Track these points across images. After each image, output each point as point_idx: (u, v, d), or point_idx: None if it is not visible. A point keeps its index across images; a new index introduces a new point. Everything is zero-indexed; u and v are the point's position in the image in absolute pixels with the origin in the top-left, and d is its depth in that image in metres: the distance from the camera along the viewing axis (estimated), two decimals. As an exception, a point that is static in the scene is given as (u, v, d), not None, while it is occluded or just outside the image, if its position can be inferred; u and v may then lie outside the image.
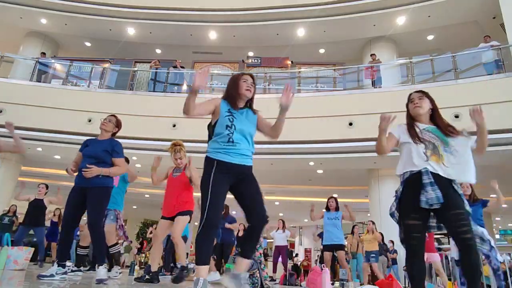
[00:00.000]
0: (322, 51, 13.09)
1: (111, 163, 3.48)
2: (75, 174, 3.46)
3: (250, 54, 12.86)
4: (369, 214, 11.06)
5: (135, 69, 11.39)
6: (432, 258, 6.36)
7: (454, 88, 8.63)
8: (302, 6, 11.30)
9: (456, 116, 8.14)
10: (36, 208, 6.46)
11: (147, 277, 4.05)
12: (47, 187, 6.85)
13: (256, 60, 12.01)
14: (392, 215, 2.36)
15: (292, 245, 23.66)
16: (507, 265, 7.71)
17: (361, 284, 6.70)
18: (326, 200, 6.55)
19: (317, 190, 13.18)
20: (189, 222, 4.29)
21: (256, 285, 3.94)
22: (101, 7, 11.76)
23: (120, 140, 3.66)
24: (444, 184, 2.23)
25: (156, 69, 10.95)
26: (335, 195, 6.70)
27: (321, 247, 7.38)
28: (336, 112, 9.00)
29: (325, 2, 11.14)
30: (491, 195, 5.69)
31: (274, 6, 11.47)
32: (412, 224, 2.21)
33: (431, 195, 2.15)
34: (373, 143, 2.63)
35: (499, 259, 4.67)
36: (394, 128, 2.49)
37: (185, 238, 6.93)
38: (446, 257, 8.26)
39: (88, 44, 13.63)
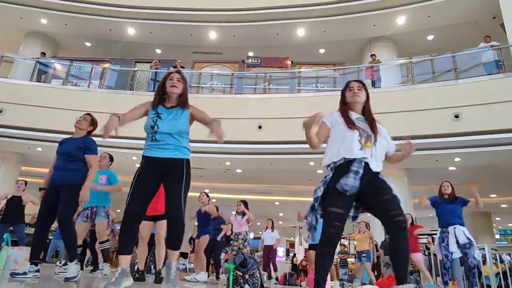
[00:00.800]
0: (322, 51, 13.09)
1: (84, 160, 3.49)
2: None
3: (250, 54, 12.86)
4: (369, 214, 11.05)
5: (135, 69, 11.39)
6: (416, 257, 6.45)
7: (454, 88, 8.63)
8: (302, 6, 11.30)
9: (456, 116, 8.15)
10: (15, 205, 6.30)
11: (136, 276, 4.10)
12: (26, 183, 6.68)
13: (256, 60, 12.01)
14: (316, 199, 2.31)
15: (292, 245, 23.67)
16: (507, 265, 7.70)
17: (362, 284, 6.70)
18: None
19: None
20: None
21: (256, 285, 3.93)
22: (101, 7, 11.76)
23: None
24: (372, 173, 2.26)
25: (156, 69, 10.95)
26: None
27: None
28: (336, 112, 8.99)
29: (325, 2, 11.13)
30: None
31: (274, 6, 11.47)
32: (336, 212, 2.19)
33: (350, 182, 2.17)
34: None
35: (477, 257, 4.74)
36: (326, 116, 2.48)
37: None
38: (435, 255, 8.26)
39: (88, 44, 13.63)
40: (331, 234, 2.18)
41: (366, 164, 2.26)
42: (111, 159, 4.87)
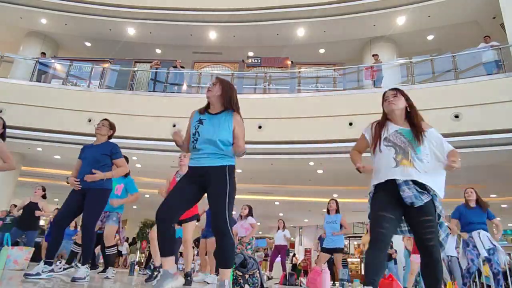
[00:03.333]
0: (322, 51, 13.09)
1: (111, 165, 3.61)
2: (77, 184, 3.47)
3: (250, 54, 12.86)
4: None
5: (135, 69, 11.39)
6: (416, 259, 6.46)
7: (454, 88, 8.63)
8: (302, 6, 11.30)
9: (456, 116, 8.15)
10: (31, 211, 6.25)
11: (155, 274, 4.12)
12: (44, 189, 6.66)
13: (256, 60, 12.01)
14: (369, 217, 2.29)
15: (292, 245, 23.67)
16: (507, 265, 7.71)
17: (364, 284, 6.69)
18: (325, 200, 6.56)
19: (317, 190, 13.18)
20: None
21: (256, 285, 3.94)
22: (101, 7, 11.76)
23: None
24: (419, 186, 2.18)
25: (156, 69, 10.95)
26: (335, 195, 6.74)
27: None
28: (336, 112, 9.00)
29: (325, 2, 11.14)
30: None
31: (274, 6, 11.48)
32: (384, 215, 2.15)
33: (408, 194, 2.12)
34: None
35: (501, 263, 4.70)
36: (366, 129, 2.44)
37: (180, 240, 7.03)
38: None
39: (88, 44, 13.63)
40: (381, 235, 2.11)
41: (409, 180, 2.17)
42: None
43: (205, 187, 2.43)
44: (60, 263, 4.73)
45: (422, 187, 2.18)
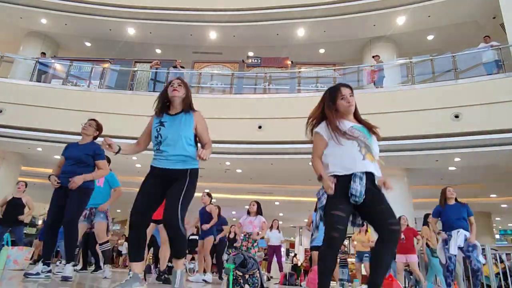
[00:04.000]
0: (322, 51, 13.09)
1: (94, 165, 3.65)
2: (57, 184, 3.51)
3: (250, 54, 12.86)
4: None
5: (135, 69, 11.39)
6: (411, 259, 6.51)
7: (454, 88, 8.63)
8: (302, 6, 11.30)
9: (456, 116, 8.14)
10: (15, 206, 6.25)
11: (163, 277, 4.16)
12: (26, 185, 6.65)
13: (256, 60, 12.01)
14: (321, 208, 2.32)
15: (292, 245, 23.67)
16: (507, 265, 7.70)
17: (366, 283, 6.70)
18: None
19: (317, 190, 13.17)
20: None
21: (256, 285, 3.93)
22: (101, 7, 11.76)
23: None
24: (372, 181, 2.26)
25: (156, 69, 10.95)
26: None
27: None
28: (336, 112, 8.98)
29: (325, 2, 11.13)
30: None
31: (274, 6, 11.47)
32: (338, 215, 2.19)
33: (357, 187, 2.16)
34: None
35: (481, 260, 4.80)
36: (320, 128, 2.40)
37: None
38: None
39: (88, 44, 13.63)
40: (334, 239, 2.18)
41: (368, 172, 2.24)
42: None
43: (168, 187, 2.51)
44: (60, 263, 4.73)
45: (372, 182, 2.26)
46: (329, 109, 2.38)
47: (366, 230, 7.98)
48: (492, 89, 8.16)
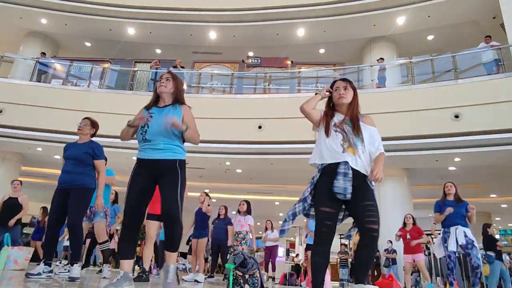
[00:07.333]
0: (322, 51, 13.09)
1: (92, 164, 3.66)
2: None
3: (250, 54, 12.86)
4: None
5: (135, 69, 11.39)
6: (417, 257, 6.48)
7: (454, 88, 8.63)
8: (302, 6, 11.30)
9: (456, 116, 8.14)
10: (12, 206, 6.15)
11: (144, 276, 4.10)
12: (21, 183, 6.54)
13: (256, 60, 12.01)
14: (304, 200, 2.36)
15: (292, 245, 23.67)
16: (507, 265, 7.71)
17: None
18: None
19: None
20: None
21: (256, 285, 3.93)
22: (101, 7, 11.76)
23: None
24: (358, 176, 2.25)
25: (156, 69, 10.95)
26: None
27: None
28: (336, 112, 8.98)
29: (325, 2, 11.13)
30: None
31: (274, 6, 11.47)
32: (326, 211, 2.21)
33: (341, 185, 2.17)
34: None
35: (480, 257, 4.84)
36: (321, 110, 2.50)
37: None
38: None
39: (88, 44, 13.63)
40: (323, 234, 2.21)
41: (352, 168, 2.25)
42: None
43: (157, 179, 2.50)
44: (60, 263, 4.73)
45: (362, 179, 2.27)
46: (327, 101, 2.53)
47: None
48: (492, 89, 8.16)
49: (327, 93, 2.47)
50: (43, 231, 8.40)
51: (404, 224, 6.58)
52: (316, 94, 2.47)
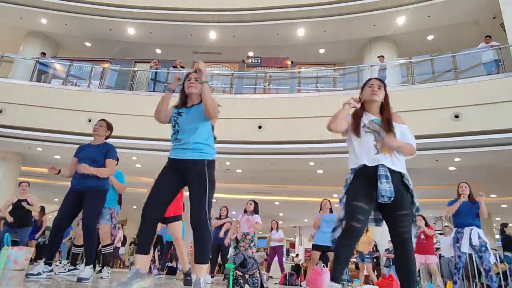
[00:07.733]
0: (322, 51, 13.09)
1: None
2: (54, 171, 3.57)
3: (250, 54, 12.86)
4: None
5: (135, 69, 11.39)
6: (430, 260, 6.44)
7: (454, 88, 8.63)
8: (302, 6, 11.30)
9: (456, 116, 8.14)
10: (22, 208, 6.25)
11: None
12: (29, 184, 6.66)
13: (256, 60, 12.01)
14: (340, 200, 2.32)
15: (292, 245, 23.66)
16: (507, 266, 7.71)
17: (366, 283, 6.69)
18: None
19: (317, 190, 13.18)
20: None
21: (256, 285, 3.93)
22: (101, 7, 11.76)
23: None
24: (396, 178, 2.21)
25: (156, 69, 10.95)
26: (335, 196, 6.70)
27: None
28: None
29: (325, 2, 11.13)
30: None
31: (274, 6, 11.47)
32: (361, 206, 2.17)
33: (386, 188, 2.13)
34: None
35: (491, 260, 4.76)
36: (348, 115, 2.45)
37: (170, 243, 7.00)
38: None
39: (88, 44, 13.63)
40: (355, 229, 2.14)
41: (390, 169, 2.20)
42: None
43: (185, 180, 2.47)
44: (60, 263, 4.72)
45: (400, 179, 2.22)
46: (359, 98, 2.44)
47: (367, 230, 7.98)
48: (492, 89, 8.16)
49: (358, 105, 2.36)
50: (39, 231, 8.43)
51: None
52: (344, 105, 2.35)
